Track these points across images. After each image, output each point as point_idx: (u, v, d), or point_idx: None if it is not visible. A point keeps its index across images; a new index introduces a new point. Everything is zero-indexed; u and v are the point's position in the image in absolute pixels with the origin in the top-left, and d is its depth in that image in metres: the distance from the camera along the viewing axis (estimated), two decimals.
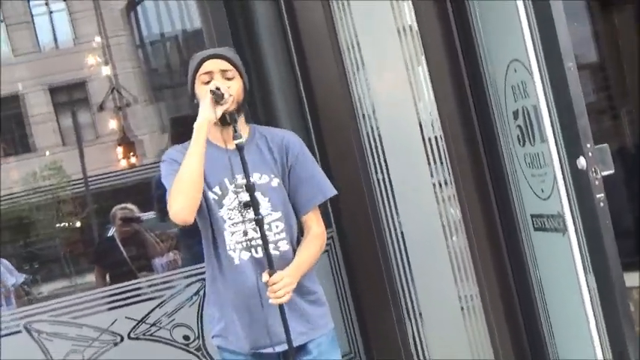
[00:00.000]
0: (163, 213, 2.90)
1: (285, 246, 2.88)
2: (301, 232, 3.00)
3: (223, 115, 2.76)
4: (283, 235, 2.88)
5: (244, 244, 2.83)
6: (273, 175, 2.86)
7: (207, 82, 2.85)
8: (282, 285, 2.73)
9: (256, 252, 2.82)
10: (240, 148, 2.67)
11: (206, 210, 2.84)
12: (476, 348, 4.23)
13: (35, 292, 8.44)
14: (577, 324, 3.40)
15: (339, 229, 4.32)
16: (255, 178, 2.79)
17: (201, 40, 4.81)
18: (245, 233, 2.82)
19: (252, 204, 2.69)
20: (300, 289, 2.88)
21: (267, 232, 2.78)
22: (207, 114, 2.73)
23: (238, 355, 2.92)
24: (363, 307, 4.31)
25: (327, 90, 4.25)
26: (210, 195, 2.83)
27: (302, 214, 2.95)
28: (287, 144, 2.92)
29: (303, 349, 2.91)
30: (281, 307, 2.75)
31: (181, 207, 2.70)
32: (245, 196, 2.77)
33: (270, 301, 2.73)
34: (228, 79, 2.87)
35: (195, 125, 2.74)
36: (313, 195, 2.93)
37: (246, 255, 2.83)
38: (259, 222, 2.70)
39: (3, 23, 11.31)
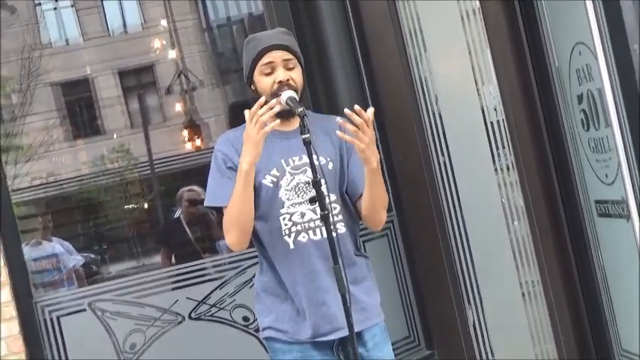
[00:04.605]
0: None
1: (342, 228, 2.83)
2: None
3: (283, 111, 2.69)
4: (341, 217, 2.83)
5: (302, 226, 2.78)
6: (329, 159, 2.80)
7: (269, 74, 2.79)
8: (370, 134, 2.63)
9: (314, 234, 2.77)
10: (307, 143, 2.58)
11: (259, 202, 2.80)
12: (537, 334, 4.19)
13: (104, 272, 8.64)
14: None
15: (399, 212, 4.31)
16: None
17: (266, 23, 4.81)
18: (302, 215, 2.79)
19: (319, 199, 2.61)
20: (357, 280, 2.84)
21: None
22: (250, 158, 2.64)
23: (291, 345, 2.86)
24: (422, 291, 4.30)
25: (389, 76, 4.24)
26: (269, 178, 2.78)
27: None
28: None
29: (359, 339, 2.83)
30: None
31: (236, 241, 2.76)
32: (303, 178, 2.76)
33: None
34: (290, 69, 2.81)
35: (241, 170, 2.65)
36: None
37: (304, 237, 2.78)
38: (325, 217, 2.60)
39: (73, 8, 11.53)
